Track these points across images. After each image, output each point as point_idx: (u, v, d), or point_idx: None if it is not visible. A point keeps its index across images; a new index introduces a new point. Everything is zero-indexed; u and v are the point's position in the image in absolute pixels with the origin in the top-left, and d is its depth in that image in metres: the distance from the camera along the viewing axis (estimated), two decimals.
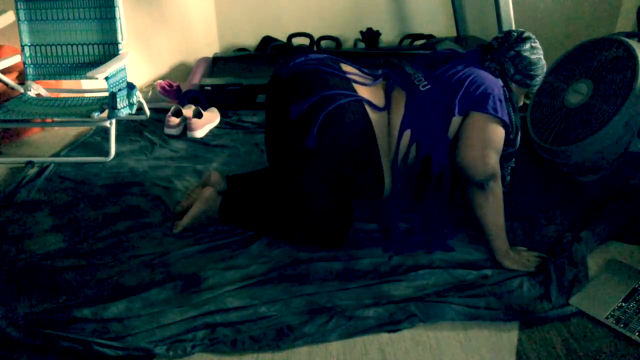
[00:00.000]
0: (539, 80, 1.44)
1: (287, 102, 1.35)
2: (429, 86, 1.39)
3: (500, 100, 1.33)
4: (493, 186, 1.34)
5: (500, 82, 1.38)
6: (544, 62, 1.43)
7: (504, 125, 1.34)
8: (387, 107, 1.39)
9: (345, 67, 1.46)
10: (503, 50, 1.41)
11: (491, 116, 1.32)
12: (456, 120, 1.35)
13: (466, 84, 1.34)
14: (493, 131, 1.33)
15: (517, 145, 1.43)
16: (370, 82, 1.44)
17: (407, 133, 1.37)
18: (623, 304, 1.26)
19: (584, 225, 1.54)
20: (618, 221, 1.57)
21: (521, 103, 1.49)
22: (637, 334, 1.17)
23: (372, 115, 1.35)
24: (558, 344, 1.16)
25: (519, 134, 1.42)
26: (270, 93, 1.47)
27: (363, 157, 1.36)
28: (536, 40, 1.42)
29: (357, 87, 1.39)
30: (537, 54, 1.41)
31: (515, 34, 1.42)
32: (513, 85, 1.44)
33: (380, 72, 1.50)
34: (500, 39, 1.43)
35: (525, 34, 1.42)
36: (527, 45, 1.40)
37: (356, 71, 1.48)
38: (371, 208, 1.66)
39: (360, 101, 1.35)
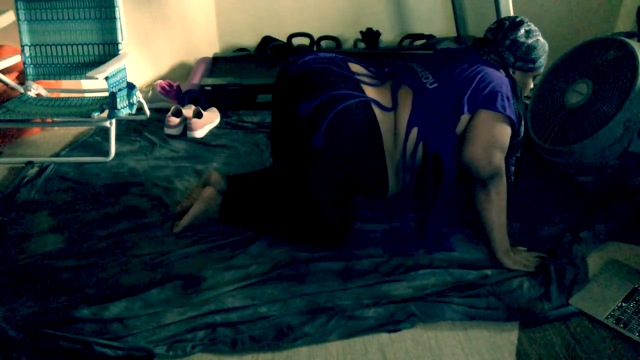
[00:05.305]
0: (542, 61, 1.42)
1: (295, 99, 1.34)
2: (436, 84, 1.38)
3: (508, 98, 1.32)
4: (496, 184, 1.34)
5: (506, 79, 1.37)
6: (542, 41, 1.41)
7: (511, 122, 1.34)
8: (395, 107, 1.39)
9: (353, 67, 1.46)
10: (499, 41, 1.40)
11: (499, 114, 1.31)
12: (465, 117, 1.34)
13: (475, 82, 1.33)
14: (500, 130, 1.33)
15: (522, 135, 1.41)
16: (377, 82, 1.44)
17: (414, 131, 1.36)
18: (623, 304, 1.26)
19: (584, 225, 1.54)
20: (618, 221, 1.57)
21: (531, 86, 1.48)
22: (637, 334, 1.17)
23: (380, 115, 1.35)
24: (558, 344, 1.16)
25: (522, 123, 1.40)
26: (278, 89, 1.46)
27: (368, 157, 1.36)
28: (530, 23, 1.41)
29: (365, 87, 1.39)
30: (533, 36, 1.39)
31: (507, 21, 1.41)
32: (517, 74, 1.43)
33: (386, 70, 1.49)
34: (494, 30, 1.42)
35: (518, 19, 1.40)
36: (522, 31, 1.39)
37: (364, 71, 1.47)
38: (380, 209, 1.66)
39: (368, 102, 1.35)
